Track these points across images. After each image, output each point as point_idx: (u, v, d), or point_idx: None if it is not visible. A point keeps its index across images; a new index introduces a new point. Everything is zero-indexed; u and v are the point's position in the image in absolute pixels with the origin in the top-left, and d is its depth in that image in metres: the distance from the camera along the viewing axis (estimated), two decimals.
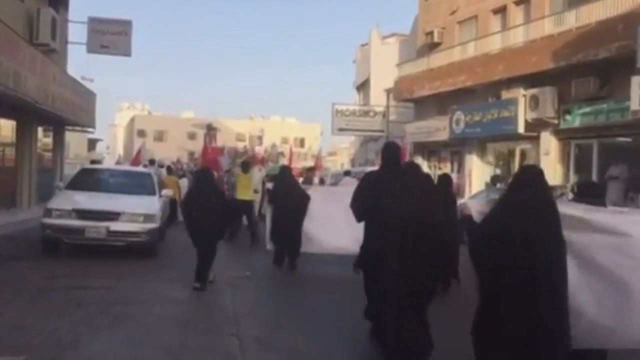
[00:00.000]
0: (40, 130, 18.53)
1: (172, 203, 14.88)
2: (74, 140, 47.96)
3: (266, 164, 22.05)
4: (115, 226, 9.76)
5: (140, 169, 14.03)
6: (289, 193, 9.96)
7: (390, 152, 5.54)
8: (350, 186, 7.79)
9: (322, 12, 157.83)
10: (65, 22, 19.01)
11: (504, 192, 4.32)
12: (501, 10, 21.14)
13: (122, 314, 6.46)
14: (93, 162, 21.23)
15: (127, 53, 19.95)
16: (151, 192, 11.17)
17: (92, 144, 57.41)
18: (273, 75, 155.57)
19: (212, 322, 6.36)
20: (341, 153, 76.57)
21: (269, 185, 10.73)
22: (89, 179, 11.34)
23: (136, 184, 11.37)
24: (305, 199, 9.88)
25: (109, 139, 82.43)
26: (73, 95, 17.42)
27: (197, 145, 55.29)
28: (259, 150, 52.36)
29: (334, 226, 9.17)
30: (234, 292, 8.09)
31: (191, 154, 48.91)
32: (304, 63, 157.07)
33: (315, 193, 10.17)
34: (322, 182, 18.03)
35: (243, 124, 62.71)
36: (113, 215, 9.81)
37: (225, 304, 7.31)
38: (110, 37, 19.44)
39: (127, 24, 19.81)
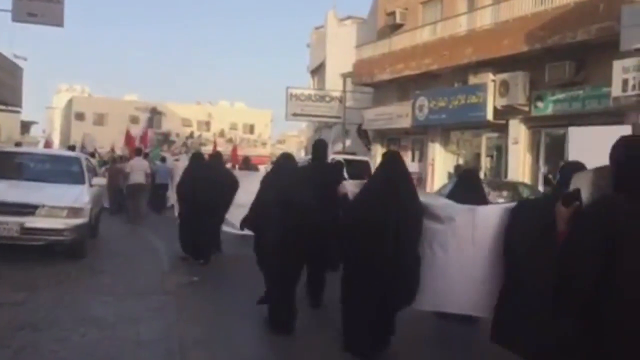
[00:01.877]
0: None
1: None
2: (5, 122, 44.67)
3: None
4: (32, 222, 7.93)
5: (67, 152, 12.12)
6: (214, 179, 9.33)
7: (317, 148, 6.76)
8: None
9: None
10: None
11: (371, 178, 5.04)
12: None
13: (27, 344, 4.81)
14: (17, 144, 18.92)
15: (59, 23, 17.71)
16: (79, 181, 9.35)
17: (25, 126, 53.71)
18: (222, 59, 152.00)
19: (149, 358, 4.77)
20: (290, 141, 74.93)
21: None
22: (1, 164, 9.39)
23: (61, 170, 9.53)
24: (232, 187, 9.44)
25: (46, 122, 78.28)
26: None
27: (140, 130, 52.69)
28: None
29: None
30: (178, 305, 6.49)
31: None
32: (255, 47, 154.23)
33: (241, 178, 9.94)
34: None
35: (190, 109, 59.95)
36: (28, 209, 7.98)
37: (168, 325, 5.71)
38: (39, 4, 17.15)
39: None
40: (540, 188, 15.55)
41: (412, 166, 22.27)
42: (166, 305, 6.47)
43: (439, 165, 20.50)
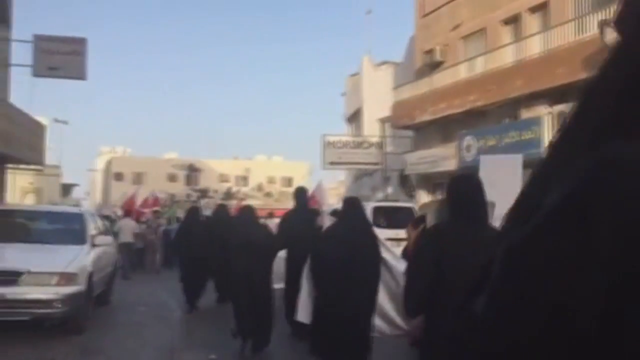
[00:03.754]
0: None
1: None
2: (46, 185, 44.97)
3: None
4: (14, 292, 6.58)
5: (69, 208, 10.91)
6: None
7: (298, 196, 8.03)
8: None
9: (306, 47, 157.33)
10: (6, 41, 16.11)
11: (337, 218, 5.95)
12: (513, 20, 18.53)
13: None
14: None
15: (81, 76, 16.96)
16: (80, 240, 8.02)
17: (66, 189, 54.04)
18: (259, 113, 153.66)
19: None
20: (329, 193, 73.83)
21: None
22: None
23: (60, 229, 8.25)
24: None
25: (88, 184, 79.24)
26: (10, 125, 14.36)
27: (178, 188, 52.25)
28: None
29: None
30: None
31: (172, 195, 45.87)
32: (290, 100, 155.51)
33: None
34: None
35: (227, 164, 59.54)
36: (10, 277, 6.64)
37: None
38: (61, 57, 16.44)
39: (80, 42, 16.84)
40: None
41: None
42: None
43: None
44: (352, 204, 5.57)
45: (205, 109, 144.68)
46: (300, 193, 8.08)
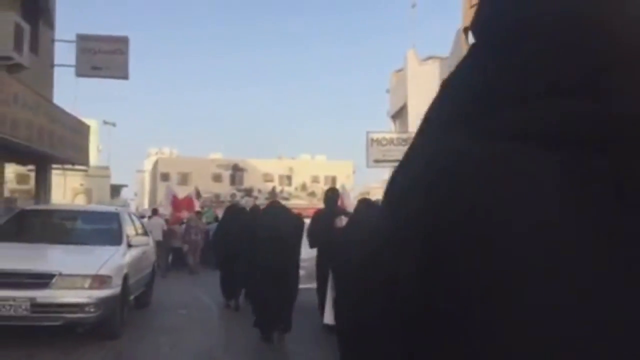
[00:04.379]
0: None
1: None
2: (96, 186, 45.88)
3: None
4: (45, 296, 6.28)
5: (105, 207, 10.70)
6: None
7: (328, 196, 8.31)
8: None
9: (350, 44, 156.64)
10: (50, 41, 16.13)
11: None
12: None
13: None
14: None
15: (124, 75, 16.88)
16: (115, 241, 7.71)
17: (115, 189, 55.02)
18: (302, 112, 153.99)
19: None
20: (374, 192, 72.80)
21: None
22: (27, 224, 7.97)
23: (94, 230, 7.97)
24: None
25: (137, 185, 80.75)
26: (53, 125, 14.31)
27: (223, 188, 52.52)
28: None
29: None
30: None
31: (217, 195, 46.11)
32: (333, 98, 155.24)
33: None
34: None
35: (271, 164, 59.49)
36: (41, 279, 6.35)
37: None
38: (103, 56, 16.41)
39: (122, 41, 16.77)
40: None
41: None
42: None
43: None
44: (364, 205, 5.66)
45: (248, 108, 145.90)
46: (330, 195, 8.34)
